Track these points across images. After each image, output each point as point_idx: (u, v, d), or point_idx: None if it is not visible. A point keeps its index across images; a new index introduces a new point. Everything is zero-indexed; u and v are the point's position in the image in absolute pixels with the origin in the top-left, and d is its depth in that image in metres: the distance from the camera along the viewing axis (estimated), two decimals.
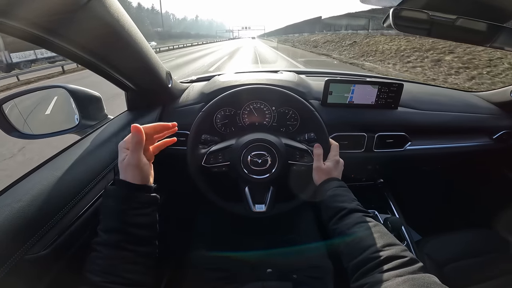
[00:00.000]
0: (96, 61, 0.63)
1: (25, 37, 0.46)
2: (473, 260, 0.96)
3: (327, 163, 0.77)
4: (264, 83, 0.95)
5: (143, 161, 0.52)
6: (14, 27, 0.42)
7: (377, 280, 0.43)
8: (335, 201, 0.65)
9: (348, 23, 17.68)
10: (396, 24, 0.65)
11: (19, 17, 0.41)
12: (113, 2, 0.52)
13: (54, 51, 0.54)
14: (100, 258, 0.45)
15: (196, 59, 15.99)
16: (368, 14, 14.26)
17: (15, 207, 0.47)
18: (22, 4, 0.39)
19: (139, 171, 0.51)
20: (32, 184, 0.53)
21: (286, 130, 0.99)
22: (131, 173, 0.51)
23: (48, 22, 0.45)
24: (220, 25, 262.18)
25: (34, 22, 0.43)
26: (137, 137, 0.51)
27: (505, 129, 1.10)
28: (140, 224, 0.50)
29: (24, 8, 0.39)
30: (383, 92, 0.97)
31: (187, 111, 0.97)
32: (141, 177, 0.52)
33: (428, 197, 1.49)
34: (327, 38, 18.91)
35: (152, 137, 0.60)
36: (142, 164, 0.52)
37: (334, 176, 0.75)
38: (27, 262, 0.46)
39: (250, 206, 0.84)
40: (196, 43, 41.84)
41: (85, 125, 0.84)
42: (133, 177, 0.51)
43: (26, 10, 0.40)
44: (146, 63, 0.74)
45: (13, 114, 0.79)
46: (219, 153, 0.82)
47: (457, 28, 0.64)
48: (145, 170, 0.53)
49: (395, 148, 1.01)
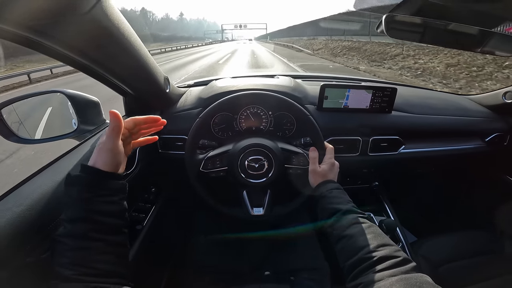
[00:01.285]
0: (95, 67, 0.64)
1: (24, 42, 0.47)
2: (467, 261, 0.97)
3: (323, 166, 0.78)
4: (260, 88, 0.96)
5: (118, 148, 0.51)
6: (12, 32, 0.43)
7: (371, 279, 0.44)
8: (331, 203, 0.66)
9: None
10: (388, 29, 0.67)
11: (18, 22, 0.41)
12: (114, 9, 0.53)
13: (53, 57, 0.55)
14: (68, 250, 0.42)
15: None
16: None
17: (16, 211, 0.47)
18: (22, 9, 0.39)
19: (111, 157, 0.50)
20: (32, 188, 0.54)
21: (282, 135, 1.00)
22: (103, 157, 0.49)
23: (48, 28, 0.45)
24: (212, 26, 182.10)
25: (35, 28, 0.44)
26: (114, 123, 0.49)
27: (497, 131, 1.12)
28: (107, 212, 0.47)
29: (25, 13, 0.40)
30: (377, 96, 0.99)
31: (185, 116, 0.98)
32: (112, 164, 0.50)
33: (422, 199, 1.51)
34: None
35: (139, 130, 0.58)
36: (117, 151, 0.50)
37: (330, 178, 0.76)
38: (28, 265, 0.47)
39: (248, 209, 0.85)
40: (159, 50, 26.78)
41: (83, 130, 0.84)
42: (104, 162, 0.49)
43: (26, 15, 0.41)
44: (144, 68, 0.75)
45: (11, 119, 0.79)
46: (216, 158, 0.83)
47: (449, 32, 0.65)
48: (118, 157, 0.51)
49: (390, 152, 1.03)
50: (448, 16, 0.64)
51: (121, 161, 0.53)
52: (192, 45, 44.04)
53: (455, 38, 0.68)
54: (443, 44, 0.76)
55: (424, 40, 0.70)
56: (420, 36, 0.69)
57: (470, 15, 0.64)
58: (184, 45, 40.69)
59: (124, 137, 0.54)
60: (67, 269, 0.41)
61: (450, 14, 0.64)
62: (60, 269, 0.41)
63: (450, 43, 0.72)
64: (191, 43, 42.52)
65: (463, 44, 0.71)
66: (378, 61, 10.62)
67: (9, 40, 0.45)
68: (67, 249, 0.42)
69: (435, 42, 0.80)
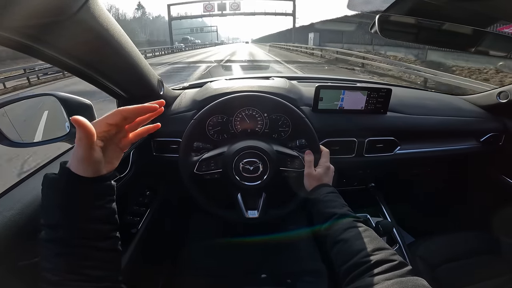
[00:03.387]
0: (87, 70, 0.63)
1: (14, 46, 0.46)
2: (465, 262, 0.97)
3: (318, 169, 0.78)
4: (255, 90, 0.96)
5: (92, 158, 0.43)
6: (2, 36, 0.42)
7: (367, 283, 0.44)
8: (326, 207, 0.66)
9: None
10: (382, 30, 0.67)
11: (6, 25, 0.41)
12: (102, 11, 0.53)
13: (44, 60, 0.54)
14: (51, 256, 0.39)
15: None
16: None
17: (7, 216, 0.47)
18: (9, 13, 0.39)
19: (86, 166, 0.42)
20: (23, 192, 0.53)
21: (278, 137, 0.99)
22: (80, 166, 0.42)
23: (37, 31, 0.45)
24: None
25: (23, 31, 0.44)
26: (79, 133, 0.41)
27: (492, 131, 1.13)
28: (91, 218, 0.43)
29: (12, 17, 0.39)
30: (372, 97, 0.99)
31: (179, 119, 0.97)
32: (93, 171, 0.43)
33: (419, 200, 1.51)
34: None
35: (134, 121, 0.50)
36: (91, 161, 0.43)
37: (325, 182, 0.76)
38: (20, 269, 0.46)
39: (243, 212, 0.84)
40: None
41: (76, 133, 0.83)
42: (84, 171, 0.42)
43: (14, 19, 0.40)
44: (137, 70, 0.75)
45: (3, 122, 0.78)
46: (211, 160, 0.83)
47: (443, 32, 0.66)
48: (94, 166, 0.44)
49: (385, 153, 1.03)
50: (442, 16, 0.64)
51: (100, 168, 0.45)
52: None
53: (449, 38, 0.68)
54: (437, 44, 0.76)
55: (418, 40, 0.70)
56: (414, 36, 0.69)
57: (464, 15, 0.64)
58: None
59: (109, 135, 0.46)
60: (53, 275, 0.39)
61: (444, 14, 0.64)
62: (47, 274, 0.39)
63: (444, 43, 0.72)
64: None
65: (457, 44, 0.72)
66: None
67: (2, 46, 0.45)
68: (50, 255, 0.40)
69: (429, 42, 0.81)
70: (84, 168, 0.42)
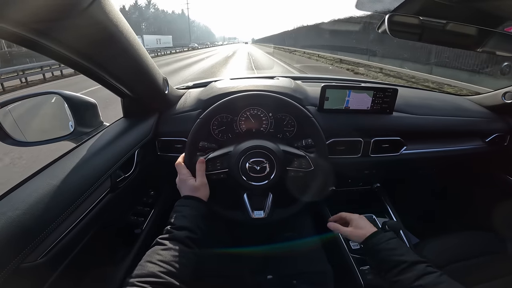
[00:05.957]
0: (93, 67, 0.62)
1: (21, 42, 0.46)
2: (471, 262, 0.96)
3: (354, 223, 0.76)
4: (261, 89, 0.95)
5: (206, 183, 0.74)
6: (10, 31, 0.42)
7: None
8: (394, 254, 0.64)
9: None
10: (391, 29, 0.66)
11: (16, 21, 0.40)
12: (112, 7, 0.52)
13: (51, 57, 0.53)
14: (162, 249, 0.56)
15: None
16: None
17: (11, 216, 0.46)
18: (19, 8, 0.38)
19: (206, 190, 0.73)
20: (28, 192, 0.52)
21: (283, 136, 0.99)
22: (202, 192, 0.72)
23: (47, 26, 0.44)
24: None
25: (31, 27, 0.43)
26: (201, 166, 0.75)
27: (498, 132, 1.12)
28: (202, 228, 0.65)
29: (21, 12, 0.39)
30: (378, 97, 0.98)
31: (184, 118, 0.96)
32: (206, 194, 0.73)
33: (424, 200, 1.50)
34: None
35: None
36: (205, 185, 0.74)
37: (371, 230, 0.73)
38: (24, 270, 0.46)
39: (249, 212, 0.83)
40: None
41: (80, 132, 0.82)
42: (205, 195, 0.72)
43: (23, 14, 0.39)
44: (143, 69, 0.74)
45: (7, 121, 0.77)
46: (217, 160, 0.82)
47: (447, 32, 0.65)
48: (207, 188, 0.74)
49: (391, 153, 1.02)
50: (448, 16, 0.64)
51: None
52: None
53: (455, 38, 0.67)
54: (443, 44, 0.76)
55: (425, 39, 0.69)
56: (420, 36, 0.68)
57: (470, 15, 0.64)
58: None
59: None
60: (154, 264, 0.52)
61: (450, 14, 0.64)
62: (146, 263, 0.53)
63: (451, 43, 0.72)
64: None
65: (463, 44, 0.71)
66: None
67: (7, 40, 0.44)
68: (161, 248, 0.56)
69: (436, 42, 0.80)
70: (205, 191, 0.74)
